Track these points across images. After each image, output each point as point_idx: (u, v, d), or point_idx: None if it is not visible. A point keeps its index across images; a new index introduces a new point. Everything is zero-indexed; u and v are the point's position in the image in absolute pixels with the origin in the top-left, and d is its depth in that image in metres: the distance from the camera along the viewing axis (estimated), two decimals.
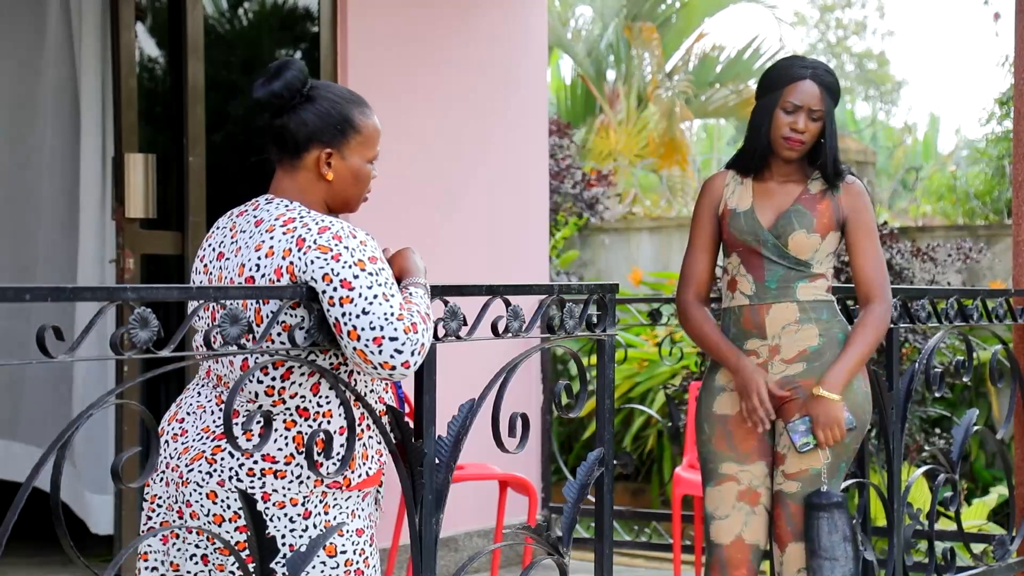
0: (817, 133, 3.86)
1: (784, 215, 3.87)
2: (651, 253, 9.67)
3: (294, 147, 2.83)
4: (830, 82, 3.86)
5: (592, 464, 3.33)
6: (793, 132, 3.82)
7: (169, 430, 2.84)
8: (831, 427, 3.77)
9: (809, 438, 3.79)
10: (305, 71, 2.85)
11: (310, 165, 2.84)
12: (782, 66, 3.90)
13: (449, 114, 6.28)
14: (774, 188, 3.91)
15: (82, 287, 2.36)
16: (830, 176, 3.88)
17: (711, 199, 3.96)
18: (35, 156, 6.41)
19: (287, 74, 2.82)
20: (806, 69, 3.85)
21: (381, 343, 2.65)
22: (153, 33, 6.31)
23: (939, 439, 7.13)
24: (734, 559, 3.85)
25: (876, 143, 15.64)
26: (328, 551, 2.75)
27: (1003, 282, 8.01)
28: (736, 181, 3.95)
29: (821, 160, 3.87)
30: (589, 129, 12.03)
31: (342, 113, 2.84)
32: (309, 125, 2.82)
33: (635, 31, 12.32)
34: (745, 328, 3.89)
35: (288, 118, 2.83)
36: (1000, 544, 5.16)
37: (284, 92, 2.82)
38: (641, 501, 8.04)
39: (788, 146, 3.84)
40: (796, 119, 3.83)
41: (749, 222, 3.88)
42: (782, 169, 3.91)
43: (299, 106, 2.83)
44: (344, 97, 2.87)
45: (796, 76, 3.84)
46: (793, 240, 3.85)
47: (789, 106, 3.83)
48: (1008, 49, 11.69)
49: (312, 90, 2.85)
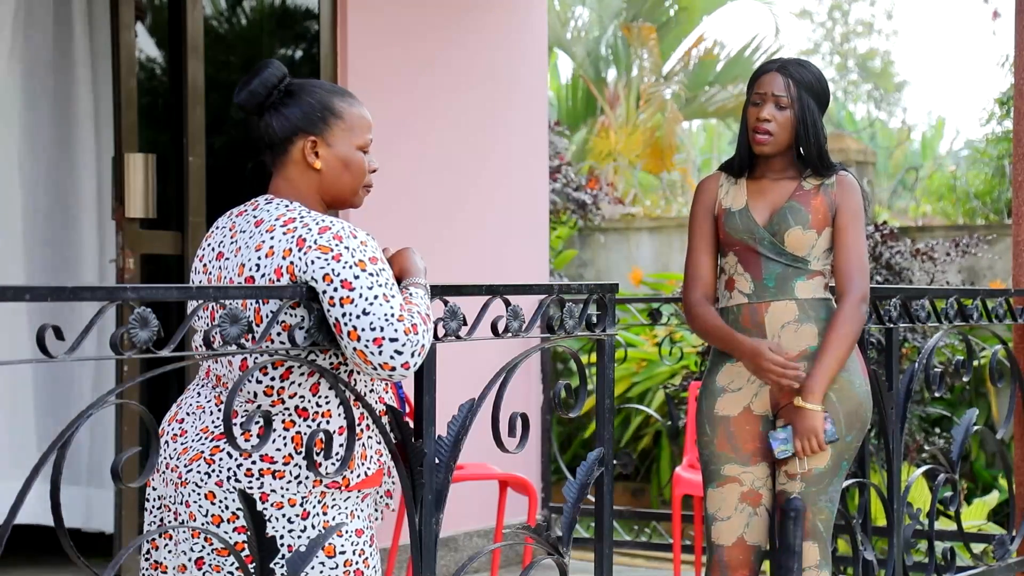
0: (789, 124, 3.83)
1: (779, 212, 3.87)
2: (651, 253, 9.67)
3: (280, 142, 2.85)
4: (802, 74, 3.84)
5: (592, 464, 3.33)
6: (758, 122, 3.83)
7: (169, 431, 2.84)
8: (810, 437, 3.77)
9: (787, 446, 3.79)
10: (282, 69, 2.87)
11: (297, 157, 2.85)
12: (758, 68, 3.93)
13: (449, 114, 6.28)
14: (768, 186, 3.92)
15: (82, 287, 2.36)
16: (817, 166, 3.87)
17: (706, 200, 3.96)
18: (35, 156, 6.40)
19: (263, 73, 2.85)
20: (775, 64, 3.88)
21: (381, 344, 2.65)
22: (153, 33, 6.32)
23: (939, 439, 7.13)
24: (735, 560, 3.86)
25: (875, 143, 15.64)
26: (327, 551, 2.75)
27: (1003, 282, 8.02)
28: (730, 182, 3.95)
29: (805, 151, 3.87)
30: (589, 130, 12.03)
31: (322, 102, 2.86)
32: (291, 119, 2.84)
33: (634, 31, 12.33)
34: (745, 327, 3.89)
35: (271, 116, 2.85)
36: (1000, 544, 5.16)
37: (260, 89, 2.83)
38: (641, 501, 8.05)
39: (756, 140, 3.84)
40: (761, 109, 3.84)
41: (744, 220, 3.88)
42: (775, 167, 3.91)
43: (280, 103, 2.85)
44: (324, 88, 2.89)
45: (763, 71, 3.88)
46: (789, 236, 3.85)
47: (756, 98, 3.85)
48: (1008, 49, 11.68)
49: (291, 86, 2.86)
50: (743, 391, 3.90)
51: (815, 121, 3.84)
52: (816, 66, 3.93)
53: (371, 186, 2.94)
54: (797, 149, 3.90)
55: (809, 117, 3.83)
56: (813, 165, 3.88)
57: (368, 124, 2.91)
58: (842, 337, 3.80)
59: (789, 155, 3.90)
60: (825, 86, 3.90)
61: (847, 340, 3.81)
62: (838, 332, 3.80)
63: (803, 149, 3.87)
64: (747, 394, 3.89)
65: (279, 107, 2.84)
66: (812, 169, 3.89)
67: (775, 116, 3.82)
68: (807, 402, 3.76)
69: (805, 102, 3.83)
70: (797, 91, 3.83)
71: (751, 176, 3.94)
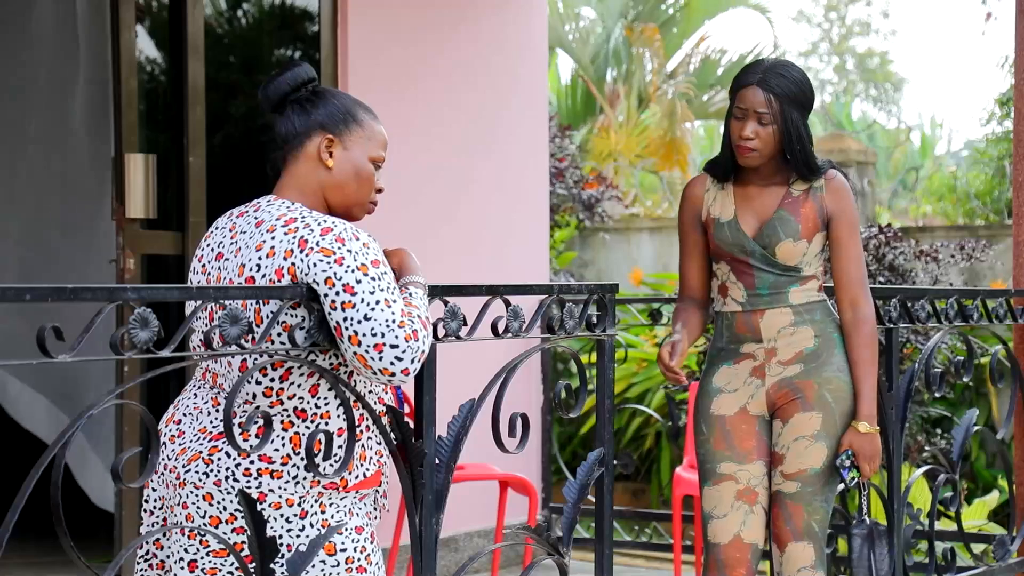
0: (773, 138, 3.80)
1: (768, 224, 3.84)
2: (651, 253, 9.67)
3: (297, 135, 2.87)
4: (783, 86, 3.78)
5: (592, 464, 3.33)
6: (741, 139, 3.81)
7: (167, 431, 2.84)
8: (873, 459, 3.84)
9: (856, 472, 3.84)
10: (312, 72, 2.93)
11: (311, 152, 2.87)
12: (738, 73, 3.89)
13: (449, 114, 6.28)
14: (755, 193, 3.88)
15: (82, 287, 2.36)
16: (804, 172, 3.86)
17: (692, 207, 3.94)
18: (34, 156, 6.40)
19: (295, 69, 2.91)
20: (755, 75, 3.80)
21: (382, 350, 2.65)
22: (153, 33, 6.32)
23: (939, 439, 7.13)
24: (732, 559, 3.84)
25: (875, 143, 15.64)
26: (327, 550, 2.75)
27: (1003, 282, 8.01)
28: (716, 187, 3.92)
29: (792, 159, 3.84)
30: (589, 130, 12.03)
31: (346, 106, 2.90)
32: (313, 116, 2.88)
33: (637, 31, 12.33)
34: (739, 332, 3.89)
35: (293, 111, 2.88)
36: (1000, 544, 5.16)
37: (288, 83, 2.88)
38: (641, 501, 8.05)
39: (741, 155, 3.83)
40: (744, 125, 3.80)
41: (734, 233, 3.86)
42: (762, 173, 3.87)
43: (305, 101, 2.88)
44: (350, 97, 2.94)
45: (743, 83, 3.81)
46: (781, 249, 3.83)
47: (738, 112, 3.82)
48: (1007, 49, 11.70)
49: (318, 88, 2.92)
50: (739, 392, 3.90)
51: (799, 130, 3.80)
52: (797, 68, 3.86)
53: (375, 204, 2.94)
54: (783, 154, 3.88)
55: (793, 129, 3.79)
56: (800, 172, 3.86)
57: (384, 141, 2.94)
58: (869, 361, 3.86)
59: (775, 160, 3.86)
60: (807, 90, 3.83)
61: (874, 358, 3.88)
62: (863, 357, 3.86)
63: (789, 157, 3.84)
64: (744, 395, 3.89)
65: (304, 104, 2.88)
66: (799, 175, 3.88)
67: (758, 132, 3.79)
68: (869, 425, 3.83)
69: (788, 114, 3.78)
70: (779, 105, 3.77)
71: (737, 180, 3.92)
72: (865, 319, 3.88)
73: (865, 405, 3.84)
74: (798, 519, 3.84)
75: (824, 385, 3.84)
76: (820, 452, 3.83)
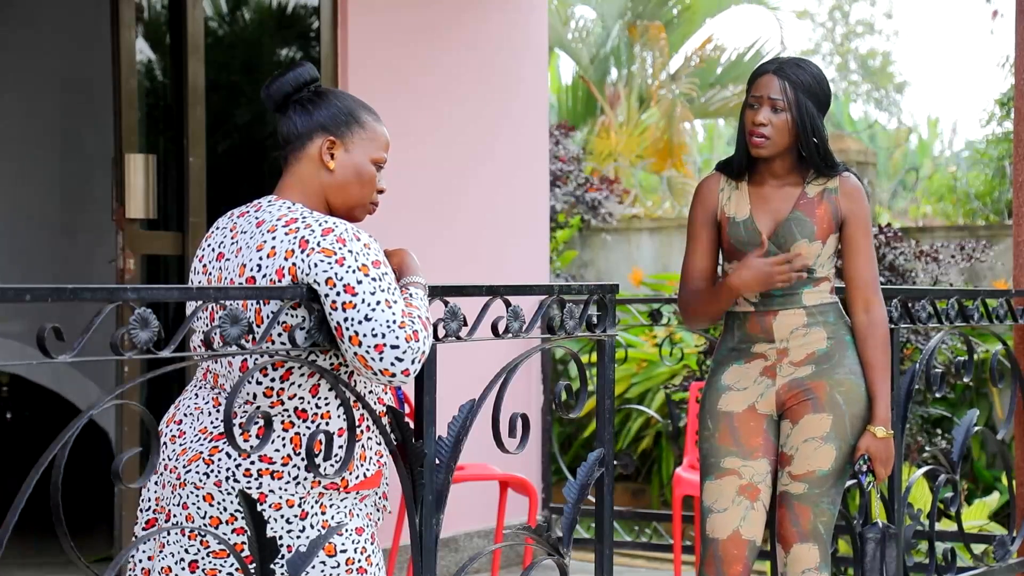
0: (786, 127, 3.79)
1: (784, 224, 3.83)
2: (651, 254, 9.67)
3: (299, 136, 2.88)
4: (799, 76, 3.78)
5: (592, 464, 3.33)
6: (754, 126, 3.80)
7: (167, 432, 2.84)
8: (890, 463, 3.87)
9: (872, 475, 3.87)
10: (315, 72, 2.93)
11: (313, 153, 2.87)
12: (756, 68, 3.90)
13: (450, 114, 6.28)
14: (770, 193, 3.87)
15: (82, 287, 2.36)
16: (820, 166, 3.84)
17: (706, 205, 3.92)
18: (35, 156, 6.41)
19: (298, 69, 2.91)
20: (772, 64, 3.83)
21: (382, 350, 2.65)
22: (153, 33, 6.31)
23: (940, 439, 7.13)
24: (730, 554, 3.81)
25: (875, 143, 15.64)
26: (327, 551, 2.75)
27: (1004, 282, 8.01)
28: (731, 186, 3.91)
29: (807, 153, 3.82)
30: (590, 130, 12.03)
31: (349, 108, 2.91)
32: (316, 117, 2.88)
33: (641, 30, 12.32)
34: (751, 332, 3.88)
35: (296, 112, 2.88)
36: (1001, 544, 5.16)
37: (291, 83, 2.89)
38: (641, 501, 8.04)
39: (752, 143, 3.81)
40: (757, 112, 3.80)
41: (749, 233, 3.85)
42: (776, 172, 3.87)
43: (308, 101, 2.89)
44: (352, 98, 2.95)
45: (759, 72, 3.83)
46: (795, 250, 3.82)
47: (753, 100, 3.81)
48: (1008, 49, 11.69)
49: (321, 89, 2.92)
50: (749, 391, 3.89)
51: (814, 122, 3.79)
52: (816, 65, 3.86)
53: (376, 205, 2.95)
54: (799, 151, 3.87)
55: (808, 119, 3.78)
56: (816, 166, 3.84)
57: (386, 143, 2.94)
58: (883, 364, 3.88)
59: (790, 158, 3.85)
60: (825, 86, 3.84)
61: (888, 361, 3.90)
62: (878, 360, 3.87)
63: (804, 151, 3.83)
64: (753, 393, 3.88)
65: (306, 104, 2.89)
66: (815, 170, 3.86)
67: (771, 120, 3.78)
68: (886, 430, 3.85)
69: (802, 104, 3.77)
70: (794, 93, 3.77)
71: (752, 180, 3.91)
72: (878, 322, 3.88)
73: (881, 409, 3.85)
74: (805, 520, 3.83)
75: (836, 387, 3.84)
76: (829, 454, 3.82)
